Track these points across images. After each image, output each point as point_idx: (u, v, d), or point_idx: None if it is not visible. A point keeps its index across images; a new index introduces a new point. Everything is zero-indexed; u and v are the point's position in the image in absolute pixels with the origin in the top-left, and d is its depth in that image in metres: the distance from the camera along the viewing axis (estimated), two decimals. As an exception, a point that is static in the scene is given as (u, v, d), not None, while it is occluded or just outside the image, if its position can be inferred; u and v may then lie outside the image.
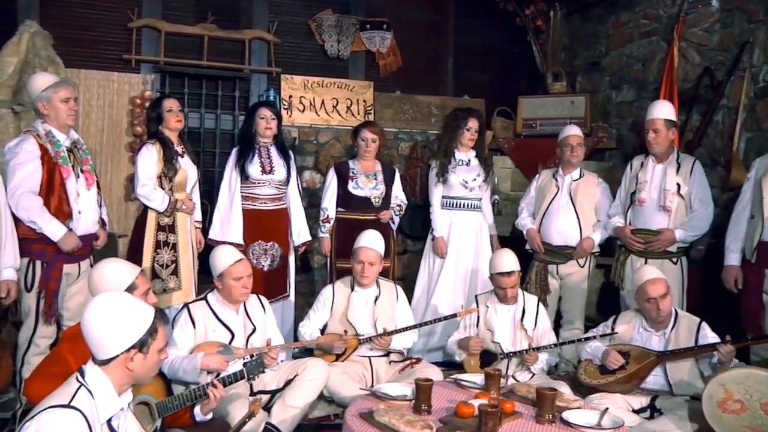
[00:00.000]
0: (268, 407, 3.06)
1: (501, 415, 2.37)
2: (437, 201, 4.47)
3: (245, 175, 3.99)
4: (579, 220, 4.10)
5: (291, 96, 5.22)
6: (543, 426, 2.46)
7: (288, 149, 4.23)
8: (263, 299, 3.34)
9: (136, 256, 3.68)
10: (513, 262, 3.51)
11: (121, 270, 2.46)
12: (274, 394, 3.12)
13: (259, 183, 4.03)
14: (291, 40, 5.29)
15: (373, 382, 3.46)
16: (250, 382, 2.85)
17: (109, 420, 1.78)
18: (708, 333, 3.03)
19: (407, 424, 2.33)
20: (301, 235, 4.17)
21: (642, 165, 3.85)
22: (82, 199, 3.18)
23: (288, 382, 3.11)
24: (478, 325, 3.58)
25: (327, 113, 5.32)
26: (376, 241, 3.54)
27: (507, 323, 3.54)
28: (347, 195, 4.24)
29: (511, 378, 3.36)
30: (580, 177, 4.21)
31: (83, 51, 4.78)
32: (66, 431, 1.64)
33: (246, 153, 4.01)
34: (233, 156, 4.07)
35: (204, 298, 3.17)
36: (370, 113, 5.40)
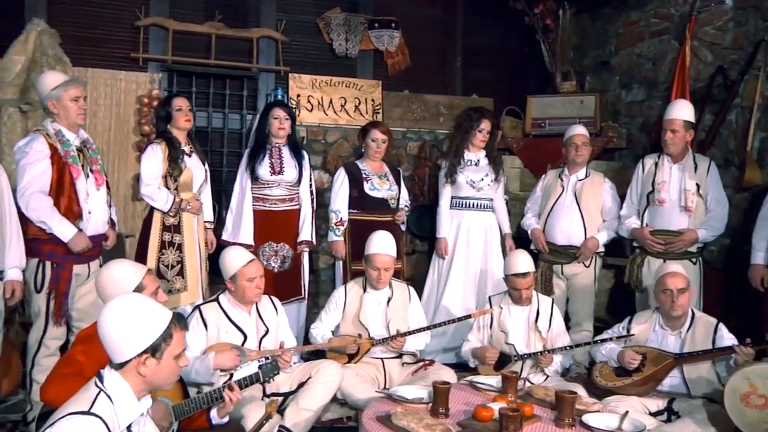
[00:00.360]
0: (281, 410, 3.02)
1: (522, 419, 2.33)
2: (445, 201, 4.44)
3: (255, 176, 3.96)
4: (584, 219, 4.07)
5: (299, 95, 5.18)
6: (563, 430, 2.44)
7: (302, 149, 4.19)
8: (275, 300, 3.30)
9: (142, 256, 3.65)
10: (528, 263, 3.47)
11: (128, 271, 2.43)
12: (287, 396, 3.08)
13: (269, 184, 4.00)
14: (299, 38, 5.25)
15: (386, 383, 3.43)
16: (264, 384, 2.81)
17: (129, 425, 1.75)
18: (725, 334, 3.00)
19: (426, 428, 2.29)
20: (303, 235, 4.07)
21: (656, 165, 3.80)
22: (91, 199, 3.14)
23: (301, 384, 3.07)
24: (491, 327, 3.54)
25: (335, 112, 5.28)
26: (389, 246, 3.49)
27: (521, 325, 3.50)
28: (363, 197, 4.18)
29: (526, 380, 3.32)
30: (585, 177, 4.18)
31: (90, 49, 4.75)
32: None
33: (257, 154, 3.98)
34: (246, 157, 4.05)
35: (216, 299, 3.14)
36: (378, 112, 5.37)
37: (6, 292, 2.93)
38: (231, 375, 2.97)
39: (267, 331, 3.14)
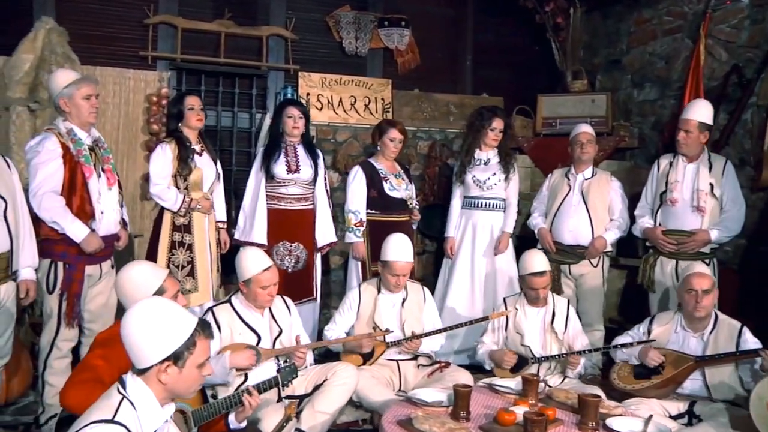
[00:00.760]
0: (296, 413, 2.98)
1: (546, 424, 2.29)
2: (456, 201, 4.41)
3: (270, 175, 3.91)
4: (591, 219, 4.04)
5: (308, 94, 5.14)
6: (587, 434, 2.40)
7: (316, 148, 4.15)
8: (288, 300, 3.27)
9: (152, 256, 3.61)
10: (544, 261, 3.44)
11: (148, 273, 2.38)
12: (302, 399, 3.05)
13: (285, 182, 3.96)
14: (308, 36, 5.21)
15: (401, 385, 3.39)
16: (283, 388, 2.77)
17: None
18: (749, 338, 2.95)
19: (449, 432, 2.26)
20: (326, 236, 4.08)
21: (671, 164, 3.76)
22: (104, 199, 3.10)
23: (317, 386, 3.04)
24: (506, 329, 3.50)
25: (345, 111, 5.24)
26: (407, 252, 3.44)
27: (537, 326, 3.46)
28: (384, 197, 4.12)
29: (545, 383, 3.28)
30: (592, 176, 4.14)
31: (99, 48, 4.71)
32: None
33: (272, 152, 3.94)
34: (260, 155, 4.01)
35: (228, 301, 3.10)
36: (388, 111, 5.33)
37: (20, 291, 2.90)
38: (246, 375, 2.95)
39: (280, 332, 3.11)
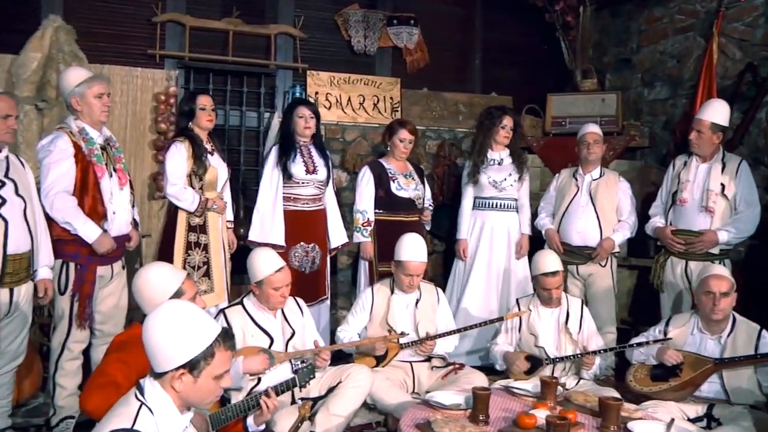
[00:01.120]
0: (311, 415, 2.95)
1: (569, 427, 2.26)
2: (468, 202, 4.36)
3: (288, 174, 3.86)
4: (599, 219, 3.99)
5: (317, 93, 5.10)
6: (609, 438, 2.36)
7: (325, 148, 4.12)
8: (300, 302, 3.23)
9: (166, 257, 3.55)
10: (556, 261, 3.41)
11: (167, 275, 2.34)
12: (316, 401, 3.01)
13: (303, 183, 3.92)
14: (317, 35, 5.17)
15: (414, 387, 3.37)
16: (301, 390, 2.73)
17: None
18: (769, 341, 2.92)
19: (470, 436, 2.22)
20: (339, 237, 4.08)
21: (685, 164, 3.72)
22: (115, 199, 3.06)
23: (331, 389, 3.01)
24: (520, 330, 3.47)
25: (354, 110, 5.21)
26: (421, 252, 3.40)
27: (551, 327, 3.43)
28: (391, 197, 4.10)
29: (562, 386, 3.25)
30: (600, 176, 4.10)
31: (107, 46, 4.68)
32: None
33: (288, 152, 3.89)
34: (274, 154, 3.92)
35: (240, 302, 3.06)
36: (397, 110, 5.29)
37: (39, 291, 2.87)
38: (259, 379, 2.91)
39: (293, 334, 3.07)
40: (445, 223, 5.08)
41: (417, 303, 3.44)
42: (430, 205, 4.27)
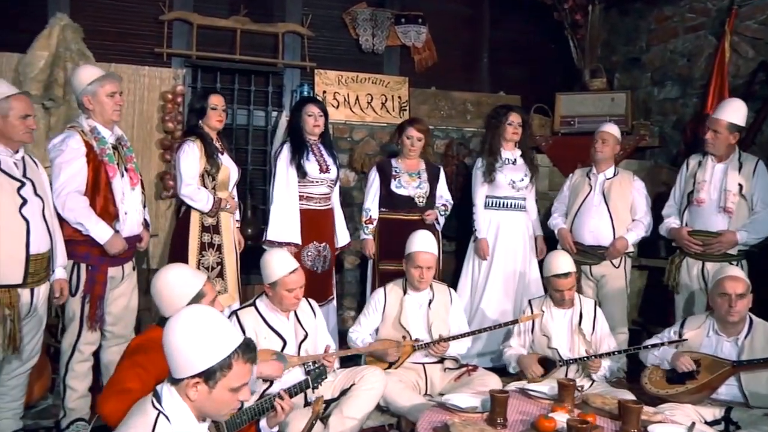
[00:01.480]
0: (324, 417, 2.92)
1: (590, 431, 2.23)
2: (481, 201, 4.33)
3: (302, 173, 3.82)
4: (612, 219, 3.96)
5: (325, 91, 5.06)
6: (630, 442, 2.33)
7: (334, 147, 4.10)
8: (313, 303, 3.20)
9: (180, 259, 3.49)
10: (569, 263, 3.38)
11: (188, 276, 2.30)
12: (329, 403, 2.98)
13: (316, 182, 3.89)
14: (325, 33, 5.13)
15: (427, 389, 3.33)
16: (313, 391, 2.70)
17: None
18: (788, 343, 2.89)
19: (490, 440, 2.19)
20: (343, 238, 4.08)
21: (700, 164, 3.68)
22: (127, 199, 3.02)
23: (344, 391, 2.97)
24: (533, 331, 3.44)
25: (361, 109, 5.17)
26: (431, 244, 3.40)
27: (564, 328, 3.40)
28: (390, 194, 4.13)
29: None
30: (614, 175, 4.06)
31: (114, 44, 4.63)
32: None
33: (301, 150, 3.85)
34: (286, 153, 3.87)
35: (253, 304, 3.03)
36: (405, 109, 5.25)
37: (55, 291, 2.84)
38: (271, 382, 2.88)
39: (306, 336, 3.04)
40: (453, 223, 5.05)
41: (430, 303, 3.41)
42: (442, 205, 4.21)
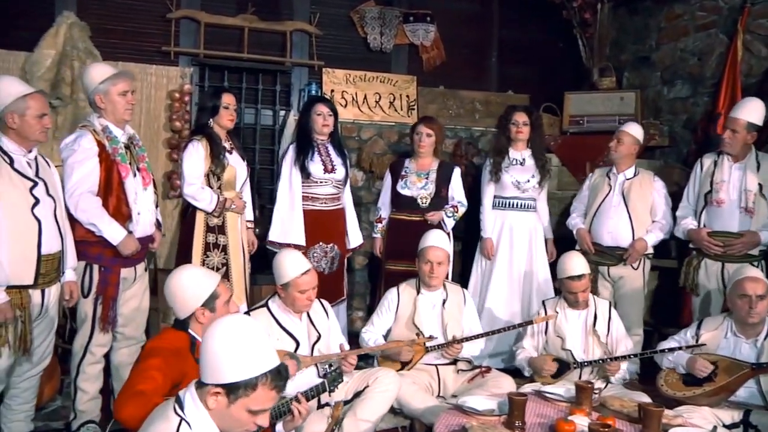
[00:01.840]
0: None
1: (612, 436, 2.20)
2: (488, 201, 4.31)
3: (306, 173, 3.81)
4: (631, 220, 3.90)
5: (333, 90, 5.03)
6: (651, 446, 2.30)
7: (344, 147, 4.06)
8: (325, 304, 3.17)
9: (184, 259, 3.47)
10: (583, 265, 3.34)
11: (201, 277, 2.26)
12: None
13: (321, 182, 3.87)
14: (333, 32, 5.10)
15: (440, 391, 3.30)
16: (330, 394, 2.67)
17: None
18: (809, 345, 2.85)
19: (511, 444, 2.16)
20: (356, 238, 4.06)
21: (716, 164, 3.65)
22: (140, 200, 2.98)
23: (357, 393, 2.94)
24: (546, 332, 3.41)
25: (369, 108, 5.14)
26: (442, 240, 3.39)
27: (578, 329, 3.36)
28: (396, 195, 4.14)
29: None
30: (634, 176, 4.00)
31: (121, 43, 4.60)
32: None
33: (306, 150, 3.83)
34: (291, 153, 3.88)
35: (265, 305, 3.00)
36: (413, 109, 5.22)
37: (65, 293, 2.81)
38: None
39: (319, 337, 3.01)
40: (461, 223, 5.01)
41: (444, 303, 3.38)
42: (451, 207, 4.17)
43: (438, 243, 3.36)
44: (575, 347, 3.31)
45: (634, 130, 4.01)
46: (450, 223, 4.16)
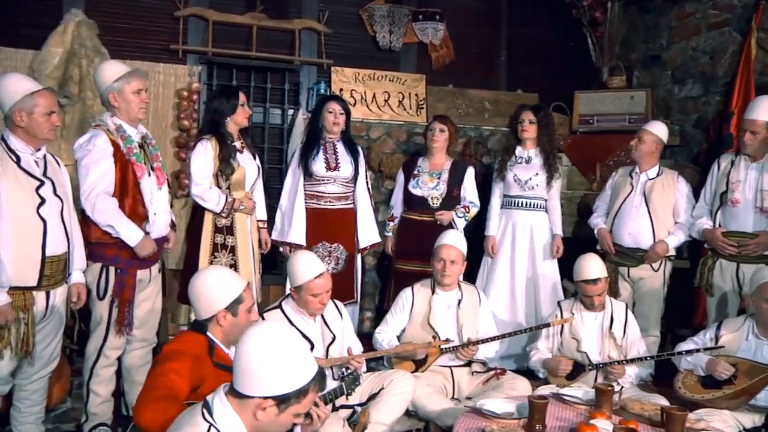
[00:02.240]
0: (351, 421, 2.86)
1: (638, 440, 2.16)
2: (495, 199, 4.30)
3: (309, 172, 3.78)
4: (652, 221, 3.85)
5: (342, 89, 4.98)
6: (675, 450, 2.26)
7: (357, 145, 4.02)
8: (339, 304, 3.15)
9: (192, 260, 3.44)
10: (599, 268, 3.30)
11: (230, 280, 2.21)
12: (356, 408, 2.92)
13: (324, 180, 3.83)
14: (342, 30, 5.05)
15: (454, 393, 3.27)
16: (347, 398, 2.64)
17: None
18: (832, 347, 2.82)
19: (534, 448, 2.12)
20: (369, 237, 3.98)
21: (732, 164, 3.61)
22: (155, 200, 2.94)
23: (372, 396, 2.91)
24: (562, 334, 3.37)
25: (378, 107, 5.09)
26: (458, 240, 3.36)
27: (594, 331, 3.33)
28: (408, 194, 4.12)
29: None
30: (657, 175, 3.94)
31: (129, 41, 4.56)
32: None
33: (310, 149, 3.81)
34: (297, 152, 3.89)
35: (278, 306, 2.97)
36: (422, 108, 5.18)
37: (72, 295, 2.77)
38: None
39: (333, 339, 2.98)
40: (469, 223, 4.98)
41: (459, 303, 3.34)
42: (463, 207, 4.13)
43: (453, 242, 3.34)
44: (591, 350, 3.28)
45: (656, 128, 3.94)
46: (461, 224, 4.12)
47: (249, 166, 3.60)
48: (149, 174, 2.92)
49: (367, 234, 3.97)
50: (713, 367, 2.93)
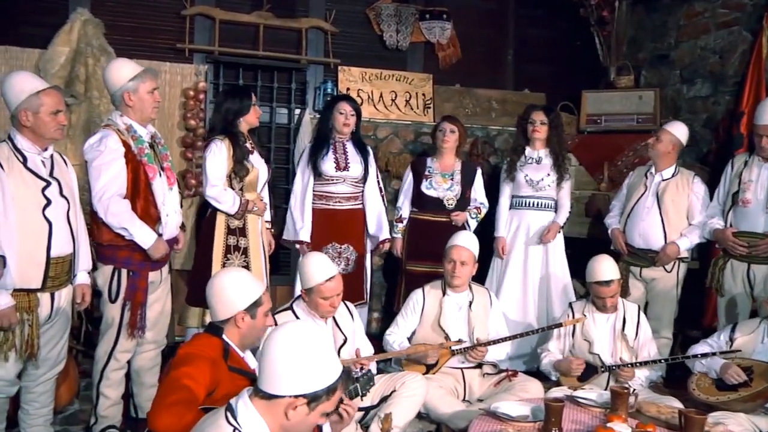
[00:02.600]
0: (363, 423, 2.84)
1: (658, 445, 2.14)
2: (504, 200, 4.27)
3: (318, 172, 3.76)
4: (664, 223, 3.81)
5: (348, 89, 4.95)
6: (694, 455, 2.24)
7: (366, 145, 4.00)
8: (350, 306, 3.13)
9: (204, 261, 3.40)
10: (612, 270, 3.27)
11: (249, 281, 2.18)
12: (368, 410, 2.89)
13: (334, 180, 3.81)
14: (348, 29, 5.02)
15: (465, 395, 3.24)
16: (362, 398, 2.61)
17: None
18: None
19: (551, 452, 2.10)
20: (384, 233, 3.95)
21: (746, 164, 3.58)
22: (167, 201, 2.90)
23: (384, 398, 2.88)
24: (573, 335, 3.35)
25: (385, 107, 5.07)
26: (469, 241, 3.34)
27: (606, 333, 3.31)
28: (420, 195, 4.08)
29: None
30: (672, 176, 3.88)
31: (135, 40, 4.53)
32: None
33: (320, 149, 3.78)
34: (306, 152, 3.86)
35: (290, 307, 2.95)
36: (429, 107, 5.15)
37: (77, 296, 2.74)
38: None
39: (345, 341, 2.96)
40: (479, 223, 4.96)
41: (470, 305, 3.32)
42: (475, 208, 4.12)
43: (465, 243, 3.31)
44: (603, 351, 3.26)
45: (675, 129, 3.89)
46: (473, 225, 4.12)
47: (260, 167, 3.57)
48: (160, 174, 2.88)
49: (381, 230, 3.95)
50: (725, 371, 2.90)
